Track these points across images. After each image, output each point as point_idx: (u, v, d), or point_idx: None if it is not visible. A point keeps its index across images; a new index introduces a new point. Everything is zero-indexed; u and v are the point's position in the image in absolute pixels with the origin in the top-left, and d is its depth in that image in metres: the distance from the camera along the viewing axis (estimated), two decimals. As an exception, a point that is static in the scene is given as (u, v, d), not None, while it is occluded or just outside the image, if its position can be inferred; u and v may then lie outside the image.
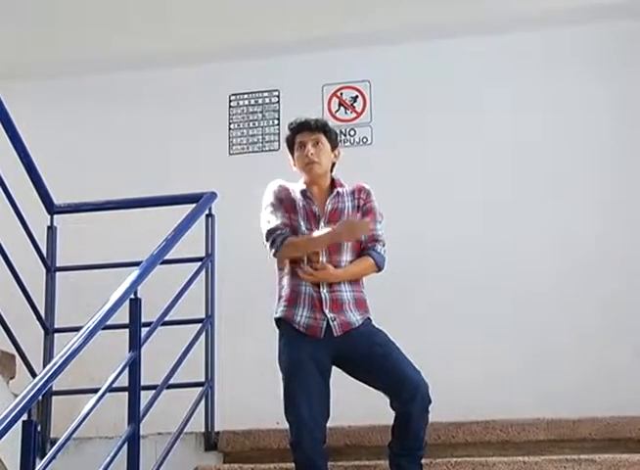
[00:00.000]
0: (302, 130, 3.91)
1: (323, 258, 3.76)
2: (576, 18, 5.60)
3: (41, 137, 5.60)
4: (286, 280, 3.84)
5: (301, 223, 3.82)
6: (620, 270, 5.37)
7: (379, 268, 3.88)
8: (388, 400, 3.71)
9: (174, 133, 5.99)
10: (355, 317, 3.77)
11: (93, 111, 6.13)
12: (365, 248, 3.88)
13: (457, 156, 5.69)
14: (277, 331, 3.84)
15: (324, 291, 3.75)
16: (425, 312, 5.39)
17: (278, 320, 3.84)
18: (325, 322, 3.72)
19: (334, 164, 3.98)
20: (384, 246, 3.89)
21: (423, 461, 3.77)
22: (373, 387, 3.76)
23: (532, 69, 5.72)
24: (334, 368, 3.78)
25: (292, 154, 3.96)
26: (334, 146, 3.95)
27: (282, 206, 3.86)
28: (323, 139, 3.90)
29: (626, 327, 5.26)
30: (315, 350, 3.70)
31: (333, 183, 3.94)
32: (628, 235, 5.40)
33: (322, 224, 3.82)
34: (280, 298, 3.86)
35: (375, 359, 3.71)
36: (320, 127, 3.91)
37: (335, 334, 3.72)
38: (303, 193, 3.88)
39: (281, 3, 5.80)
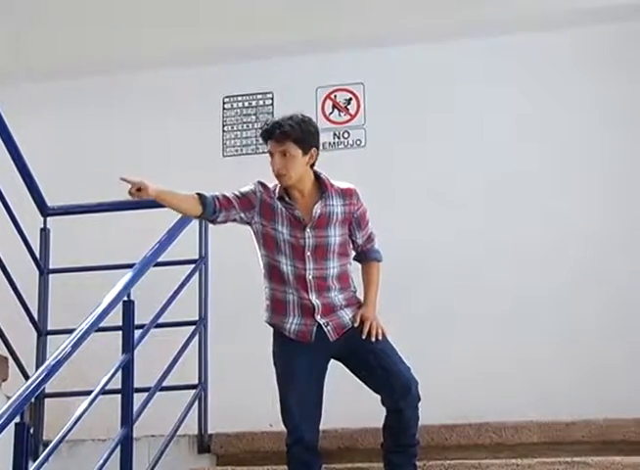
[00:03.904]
0: (270, 139, 3.70)
1: (310, 266, 3.71)
2: (574, 20, 5.60)
3: (35, 139, 5.58)
4: (271, 284, 3.78)
5: (284, 231, 3.71)
6: (616, 273, 5.36)
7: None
8: (380, 398, 3.73)
9: (167, 135, 5.98)
10: (348, 316, 3.76)
11: (87, 113, 6.12)
12: (364, 250, 3.90)
13: (452, 157, 5.69)
14: (270, 331, 3.82)
15: (313, 298, 3.70)
16: (418, 314, 5.37)
17: (269, 323, 3.84)
18: (315, 327, 3.71)
19: (315, 161, 3.79)
20: (375, 237, 3.93)
21: (416, 463, 3.77)
22: (365, 383, 3.77)
23: (530, 70, 5.71)
24: (329, 371, 3.79)
25: None
26: (307, 149, 3.69)
27: (246, 201, 3.73)
28: (292, 148, 3.65)
29: (621, 329, 5.26)
30: (311, 354, 3.70)
31: (319, 182, 3.79)
32: (627, 236, 5.40)
33: (308, 230, 3.71)
34: (267, 303, 3.81)
35: (368, 356, 3.72)
36: (286, 137, 3.65)
37: (330, 339, 3.72)
38: (281, 198, 3.75)
39: (275, 6, 5.81)
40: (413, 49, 5.80)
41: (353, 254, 3.92)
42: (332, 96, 5.97)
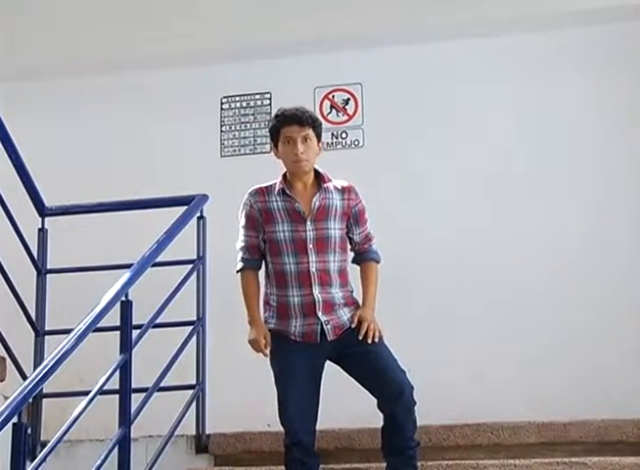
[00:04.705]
0: (292, 124, 3.78)
1: (313, 258, 3.74)
2: (569, 20, 5.61)
3: (33, 139, 5.58)
4: (273, 290, 3.81)
5: (285, 229, 3.75)
6: (612, 273, 5.37)
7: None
8: (376, 402, 3.73)
9: (166, 135, 5.97)
10: (346, 316, 3.77)
11: (85, 113, 6.11)
12: (362, 250, 3.91)
13: (450, 157, 5.69)
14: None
15: (316, 292, 3.72)
16: (417, 314, 5.37)
17: (273, 330, 3.82)
18: (319, 326, 3.72)
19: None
20: (373, 238, 3.95)
21: (416, 465, 3.76)
22: (361, 385, 3.77)
23: (527, 70, 5.71)
24: (325, 371, 3.79)
25: (274, 142, 3.86)
26: (319, 139, 3.84)
27: (251, 223, 3.83)
28: (311, 134, 3.78)
29: (618, 330, 5.26)
30: (308, 354, 3.71)
31: (318, 177, 3.86)
32: (625, 236, 5.40)
33: (308, 222, 3.75)
34: (268, 307, 3.83)
35: (363, 359, 3.72)
36: (310, 122, 3.78)
37: (329, 338, 3.73)
38: (282, 191, 3.81)
39: (273, 5, 5.81)
40: (411, 49, 5.80)
41: (351, 254, 3.93)
42: (330, 96, 5.97)
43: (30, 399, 3.02)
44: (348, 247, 3.90)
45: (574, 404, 4.91)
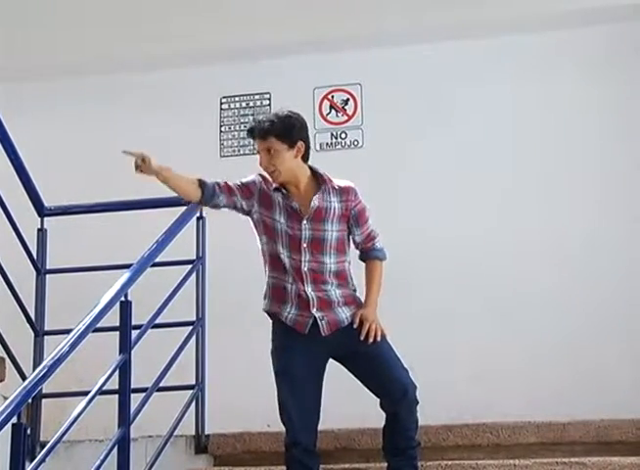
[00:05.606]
0: (253, 138, 3.79)
1: (306, 258, 3.72)
2: (569, 20, 5.63)
3: (32, 139, 5.57)
4: (272, 274, 3.77)
5: (282, 221, 3.73)
6: (611, 274, 5.37)
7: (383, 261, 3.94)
8: (379, 401, 3.72)
9: (165, 135, 5.96)
10: (345, 314, 3.74)
11: (85, 113, 6.12)
12: (365, 249, 3.89)
13: (450, 157, 5.70)
14: (268, 331, 3.81)
15: (309, 290, 3.70)
16: (416, 313, 5.38)
17: (267, 312, 3.82)
18: (311, 320, 3.69)
19: (306, 155, 3.80)
20: (377, 236, 3.91)
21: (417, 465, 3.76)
22: (364, 385, 3.76)
23: (527, 70, 5.73)
24: (325, 371, 3.78)
25: None
26: (292, 143, 3.72)
27: (246, 188, 3.81)
28: (276, 144, 3.70)
29: (618, 330, 5.27)
30: (309, 355, 3.68)
31: (315, 176, 3.82)
32: (624, 236, 5.41)
33: (305, 222, 3.72)
34: (267, 291, 3.81)
35: (365, 359, 3.70)
36: (266, 133, 3.71)
37: (323, 333, 3.70)
38: (277, 190, 3.78)
39: (273, 6, 5.81)
40: (411, 49, 5.81)
41: (354, 252, 3.92)
42: (329, 97, 5.97)
43: (30, 400, 3.02)
44: (349, 247, 3.87)
45: (574, 404, 4.92)
